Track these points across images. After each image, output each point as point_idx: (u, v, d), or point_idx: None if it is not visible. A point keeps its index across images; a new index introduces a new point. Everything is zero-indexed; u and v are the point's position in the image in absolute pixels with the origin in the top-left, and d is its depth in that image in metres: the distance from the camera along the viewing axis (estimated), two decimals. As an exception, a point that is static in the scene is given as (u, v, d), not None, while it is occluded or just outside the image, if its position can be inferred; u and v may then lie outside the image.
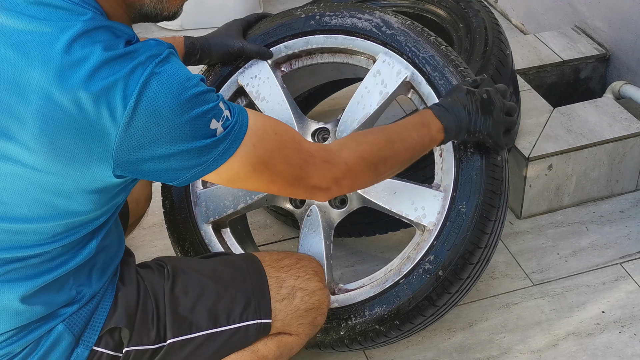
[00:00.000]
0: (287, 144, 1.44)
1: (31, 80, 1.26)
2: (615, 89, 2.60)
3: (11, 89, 1.27)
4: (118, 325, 1.48)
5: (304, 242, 1.83)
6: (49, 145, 1.27)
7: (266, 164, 1.40)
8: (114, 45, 1.29)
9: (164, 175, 1.35)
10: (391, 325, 1.72)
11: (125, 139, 1.27)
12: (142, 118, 1.26)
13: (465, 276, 1.71)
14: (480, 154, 1.72)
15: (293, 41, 1.94)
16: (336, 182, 1.49)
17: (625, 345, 1.97)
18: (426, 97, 1.79)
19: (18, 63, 1.27)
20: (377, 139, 1.56)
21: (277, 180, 1.44)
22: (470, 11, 2.26)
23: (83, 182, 1.32)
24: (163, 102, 1.27)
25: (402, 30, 1.84)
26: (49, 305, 1.42)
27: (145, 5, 1.40)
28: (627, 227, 2.32)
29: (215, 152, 1.34)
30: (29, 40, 1.27)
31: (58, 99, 1.25)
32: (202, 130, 1.31)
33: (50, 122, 1.26)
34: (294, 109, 1.91)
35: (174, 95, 1.28)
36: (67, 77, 1.25)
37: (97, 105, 1.25)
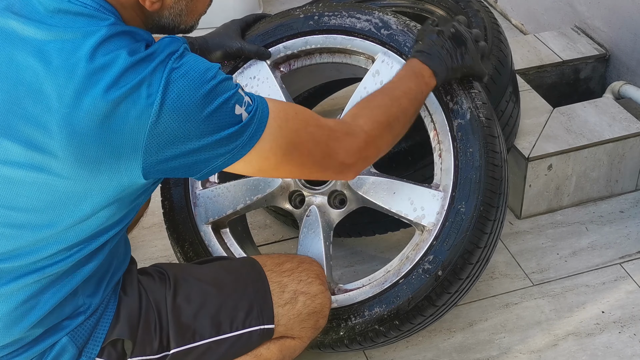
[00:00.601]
0: (310, 122, 1.45)
1: (55, 88, 1.26)
2: (615, 89, 2.60)
3: (36, 98, 1.27)
4: (121, 336, 1.47)
5: (303, 242, 1.83)
6: (77, 153, 1.27)
7: (295, 145, 1.41)
8: (137, 49, 1.30)
9: (193, 168, 1.35)
10: (391, 325, 1.72)
11: (154, 138, 1.28)
12: (169, 114, 1.27)
13: (464, 276, 1.71)
14: (480, 153, 1.72)
15: (292, 41, 1.94)
16: (360, 154, 1.51)
17: (625, 345, 1.97)
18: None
19: (40, 71, 1.27)
20: (383, 100, 1.57)
21: (306, 162, 1.45)
22: (470, 11, 2.26)
23: (110, 187, 1.32)
24: (187, 96, 1.28)
25: (400, 30, 1.84)
26: (57, 317, 1.42)
27: (164, 18, 1.41)
28: (627, 227, 2.32)
29: (243, 137, 1.34)
30: (51, 48, 1.27)
31: (84, 106, 1.25)
32: (228, 117, 1.32)
33: (77, 129, 1.26)
34: (293, 109, 1.91)
35: (196, 87, 1.29)
36: (92, 83, 1.26)
37: (123, 109, 1.26)
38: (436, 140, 1.78)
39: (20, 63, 1.29)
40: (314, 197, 1.86)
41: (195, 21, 1.48)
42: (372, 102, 1.58)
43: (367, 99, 1.60)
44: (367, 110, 1.55)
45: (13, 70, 1.29)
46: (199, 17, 1.48)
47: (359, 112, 1.55)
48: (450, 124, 1.75)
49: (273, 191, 1.89)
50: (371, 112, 1.55)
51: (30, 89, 1.28)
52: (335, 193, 1.85)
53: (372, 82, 1.84)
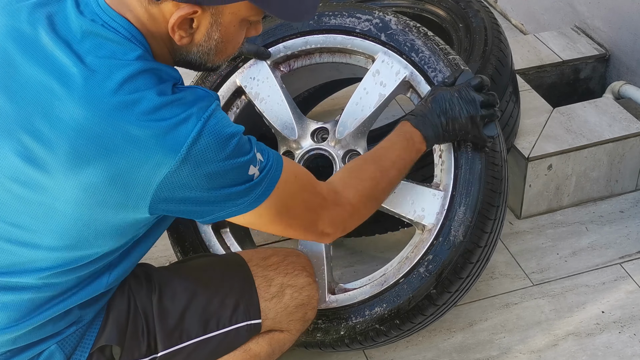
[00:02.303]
0: (306, 187, 1.46)
1: (71, 114, 1.25)
2: (615, 89, 2.60)
3: (46, 117, 1.26)
4: (109, 342, 1.47)
5: (304, 242, 1.83)
6: (80, 182, 1.27)
7: (288, 208, 1.43)
8: (164, 90, 1.29)
9: (197, 214, 1.37)
10: (391, 324, 1.72)
11: (169, 182, 1.27)
12: (190, 165, 1.27)
13: (465, 275, 1.71)
14: (480, 153, 1.72)
15: (292, 41, 1.94)
16: (344, 225, 1.54)
17: (625, 345, 1.96)
18: (425, 97, 1.79)
19: (59, 94, 1.26)
20: (374, 173, 1.58)
21: (294, 224, 1.47)
22: (470, 11, 2.26)
23: (115, 219, 1.32)
24: (212, 153, 1.28)
25: (400, 30, 1.84)
26: (50, 329, 1.42)
27: (192, 54, 1.38)
28: (627, 227, 2.32)
29: (251, 196, 1.36)
30: (75, 75, 1.26)
31: (101, 138, 1.24)
32: (242, 177, 1.33)
33: (83, 157, 1.25)
34: (293, 109, 1.91)
35: (222, 146, 1.29)
36: (114, 118, 1.24)
37: (143, 150, 1.24)
38: (436, 140, 1.78)
39: (40, 81, 1.27)
40: (314, 197, 1.86)
41: (223, 62, 1.44)
42: (363, 173, 1.58)
43: (359, 168, 1.60)
44: (358, 181, 1.56)
45: (30, 86, 1.28)
46: (227, 59, 1.45)
47: (350, 182, 1.55)
48: (451, 124, 1.75)
49: (273, 191, 1.89)
50: (361, 184, 1.56)
51: (42, 107, 1.26)
52: (335, 193, 1.85)
53: (372, 82, 1.84)
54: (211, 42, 1.36)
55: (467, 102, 1.67)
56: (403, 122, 1.68)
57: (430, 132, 1.65)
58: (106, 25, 1.29)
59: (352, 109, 1.84)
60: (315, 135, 1.90)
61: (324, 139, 1.88)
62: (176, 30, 1.30)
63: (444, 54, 1.80)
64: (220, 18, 1.32)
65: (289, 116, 1.90)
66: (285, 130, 1.90)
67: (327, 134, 1.88)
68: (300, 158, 1.88)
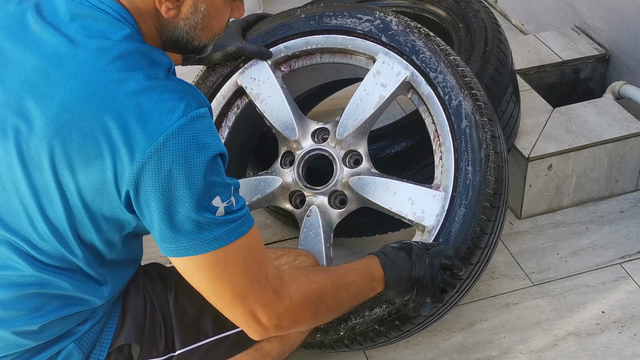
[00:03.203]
0: (258, 260, 1.38)
1: (59, 90, 1.26)
2: (615, 89, 2.60)
3: (35, 96, 1.27)
4: (128, 341, 1.47)
5: (304, 242, 1.83)
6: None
7: (226, 263, 1.33)
8: (154, 74, 1.28)
9: (149, 222, 1.30)
10: (391, 325, 1.72)
11: (141, 173, 1.24)
12: (155, 161, 1.23)
13: (465, 276, 1.71)
14: (481, 154, 1.72)
15: (293, 41, 1.94)
16: (277, 317, 1.40)
17: (625, 345, 1.97)
18: (426, 97, 1.79)
19: (48, 72, 1.27)
20: (323, 281, 1.50)
21: (224, 286, 1.35)
22: (470, 11, 2.26)
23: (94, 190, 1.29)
24: (181, 157, 1.24)
25: (401, 30, 1.84)
26: (64, 326, 1.42)
27: (179, 29, 1.39)
28: (627, 227, 2.32)
29: (201, 235, 1.28)
30: (64, 54, 1.27)
31: (84, 113, 1.24)
32: (203, 200, 1.27)
33: (64, 129, 1.25)
34: (293, 109, 1.91)
35: (200, 149, 1.25)
36: (99, 94, 1.24)
37: (123, 127, 1.23)
38: (437, 141, 1.78)
39: (30, 64, 1.29)
40: (315, 197, 1.86)
41: (209, 41, 1.45)
42: (314, 276, 1.50)
43: (312, 270, 1.55)
44: (305, 279, 1.47)
45: (20, 70, 1.29)
46: (213, 38, 1.45)
47: (296, 277, 1.46)
48: (451, 125, 1.75)
49: (274, 191, 1.89)
50: (307, 284, 1.46)
51: (35, 89, 1.27)
52: (336, 193, 1.86)
53: (372, 83, 1.84)
54: (197, 14, 1.37)
55: (432, 280, 1.61)
56: (371, 256, 1.63)
57: (392, 279, 1.59)
58: (94, 7, 1.31)
59: (352, 109, 1.85)
60: (315, 136, 1.90)
61: (324, 140, 1.89)
62: (163, 1, 1.32)
63: (444, 54, 1.80)
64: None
65: (289, 116, 1.90)
66: (285, 131, 1.90)
67: (327, 134, 1.88)
68: (300, 158, 1.89)
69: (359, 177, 1.82)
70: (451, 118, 1.75)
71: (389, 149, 2.03)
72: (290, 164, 1.91)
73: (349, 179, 1.84)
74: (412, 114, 2.08)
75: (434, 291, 1.62)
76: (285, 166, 1.91)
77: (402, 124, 2.07)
